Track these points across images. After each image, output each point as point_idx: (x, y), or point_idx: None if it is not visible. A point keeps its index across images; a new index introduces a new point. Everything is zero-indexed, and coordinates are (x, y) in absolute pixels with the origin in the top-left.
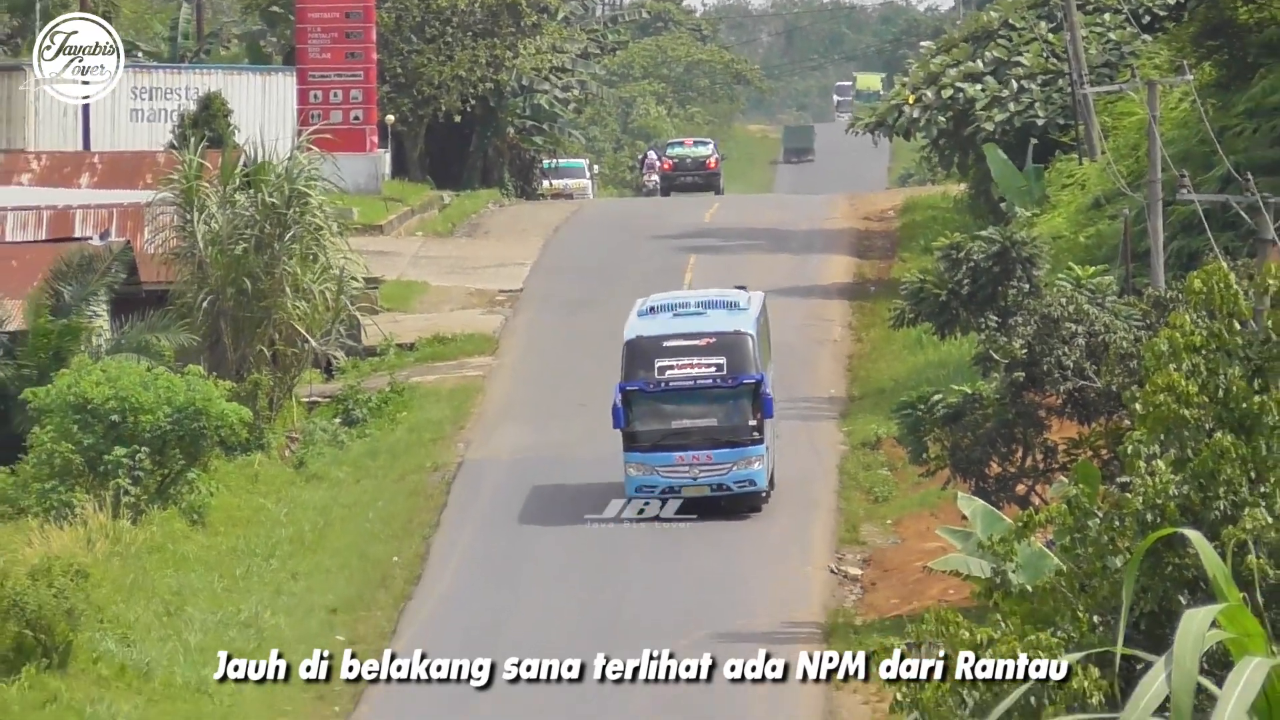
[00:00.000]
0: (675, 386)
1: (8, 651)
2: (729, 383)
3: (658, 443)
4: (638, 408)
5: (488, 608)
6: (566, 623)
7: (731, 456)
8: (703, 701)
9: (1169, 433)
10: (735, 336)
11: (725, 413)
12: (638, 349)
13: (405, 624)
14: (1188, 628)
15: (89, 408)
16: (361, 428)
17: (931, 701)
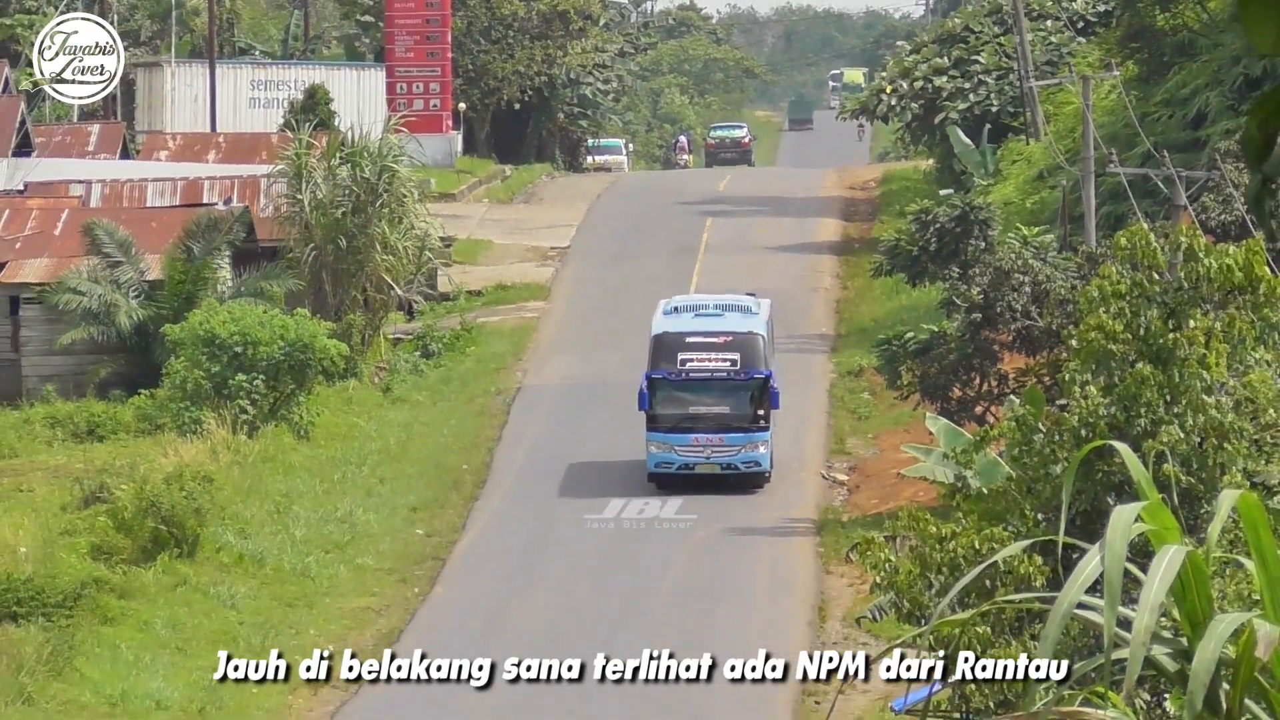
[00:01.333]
0: (694, 377)
1: (146, 543)
2: (741, 376)
3: (676, 425)
4: (660, 394)
5: (542, 505)
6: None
7: (740, 440)
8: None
9: (1099, 364)
10: (749, 336)
11: (737, 402)
12: (663, 342)
13: (474, 520)
14: (1117, 520)
15: (216, 342)
16: (437, 359)
17: (904, 584)
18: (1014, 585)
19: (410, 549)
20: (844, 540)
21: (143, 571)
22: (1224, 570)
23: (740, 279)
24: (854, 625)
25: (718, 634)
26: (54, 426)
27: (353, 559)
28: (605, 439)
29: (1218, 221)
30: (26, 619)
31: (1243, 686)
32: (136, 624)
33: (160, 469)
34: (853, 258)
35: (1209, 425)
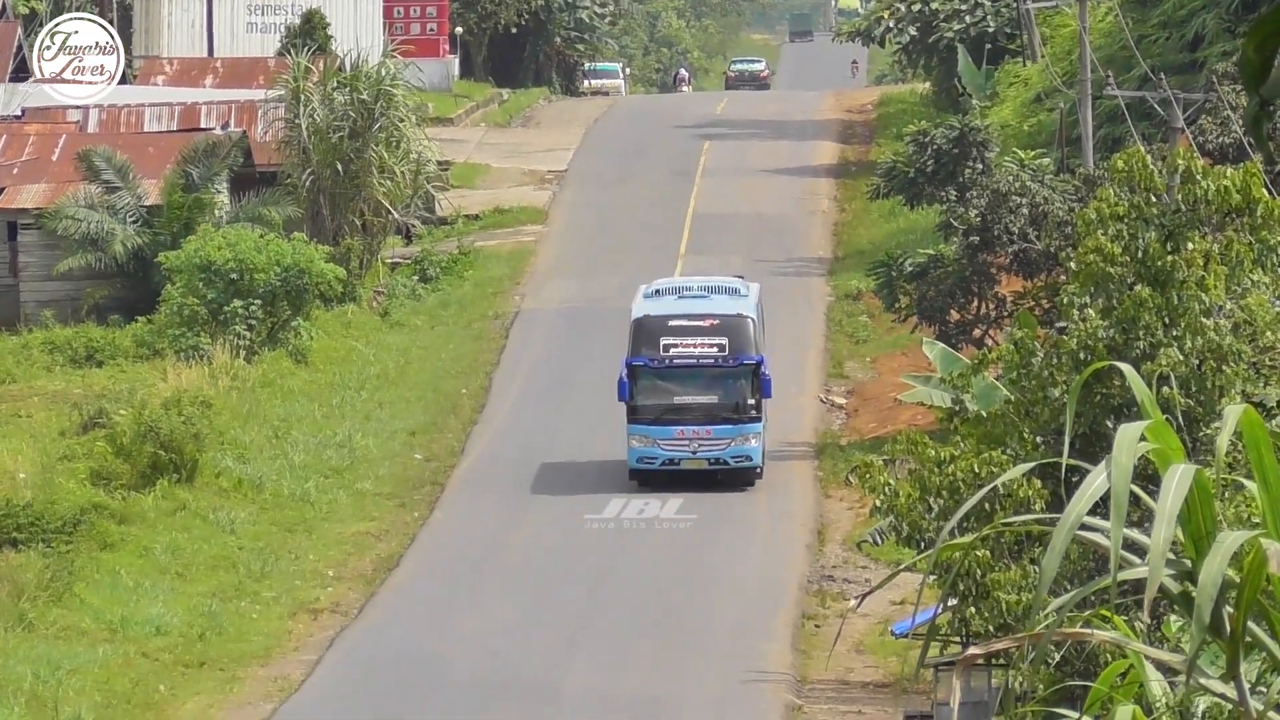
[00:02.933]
0: (679, 364)
1: (145, 468)
2: (730, 362)
3: (660, 416)
4: (642, 382)
5: (540, 429)
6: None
7: (730, 433)
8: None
9: (1097, 286)
10: (738, 319)
11: (725, 391)
12: (645, 327)
13: (472, 444)
14: (1123, 437)
15: (212, 268)
16: (435, 283)
17: (904, 507)
18: (1013, 509)
19: (409, 473)
20: (843, 464)
21: (142, 497)
22: (1223, 493)
23: (738, 201)
24: (854, 549)
25: (718, 557)
26: (52, 352)
27: (351, 484)
28: (604, 362)
29: (1215, 144)
30: (26, 545)
31: (1247, 606)
32: (136, 549)
33: (158, 394)
34: (850, 180)
35: (1207, 348)
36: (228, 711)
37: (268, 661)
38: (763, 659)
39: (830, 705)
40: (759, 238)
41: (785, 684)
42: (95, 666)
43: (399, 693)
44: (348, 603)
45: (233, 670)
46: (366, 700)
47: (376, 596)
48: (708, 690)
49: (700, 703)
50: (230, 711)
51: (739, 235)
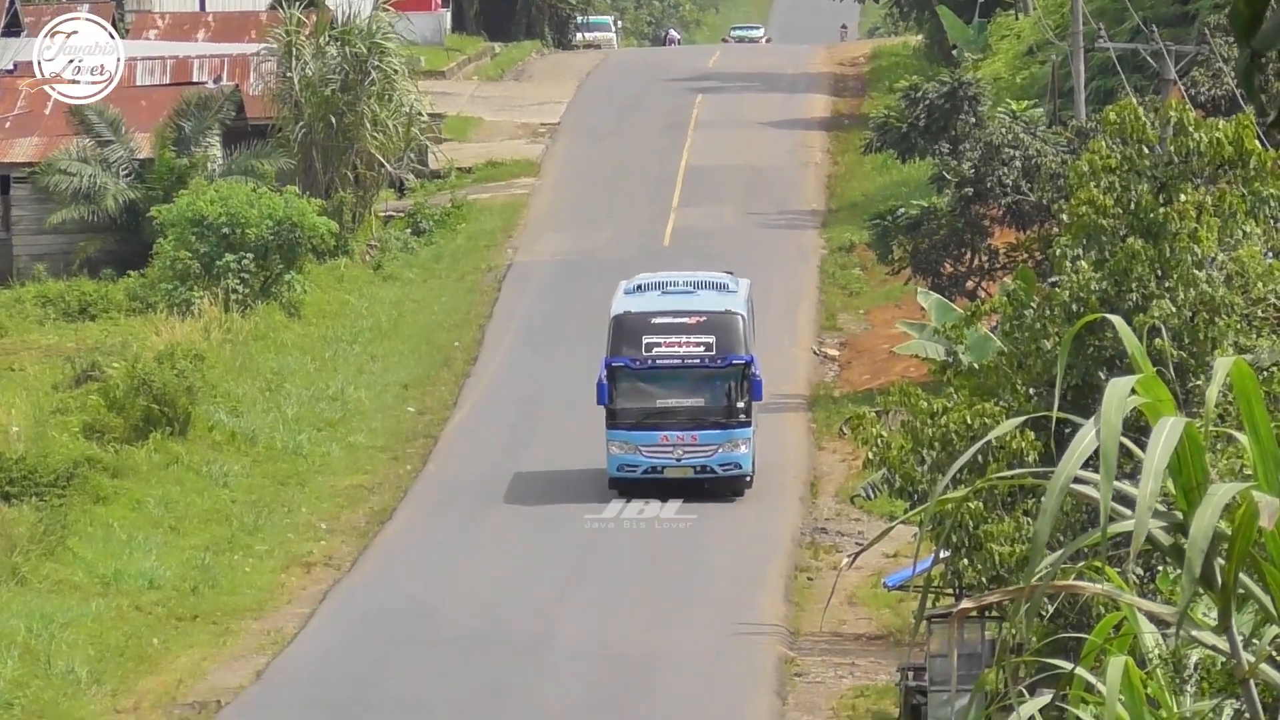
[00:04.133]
0: (662, 364)
1: (138, 422)
2: (718, 363)
3: (642, 421)
4: (623, 384)
5: (533, 382)
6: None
7: (717, 438)
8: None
9: (1090, 238)
10: (726, 316)
11: (713, 393)
12: (625, 325)
13: (465, 396)
14: (1113, 391)
15: (204, 222)
16: (428, 236)
17: (897, 460)
18: (1006, 461)
19: (402, 426)
20: (836, 416)
21: (135, 450)
22: (1214, 445)
23: (731, 154)
24: (847, 502)
25: (708, 505)
26: (45, 305)
27: (345, 437)
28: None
29: (1207, 96)
30: (19, 499)
31: (1238, 559)
32: (129, 503)
33: (152, 347)
34: (843, 134)
35: (1200, 299)
36: (221, 664)
37: (261, 615)
38: (756, 611)
39: (823, 658)
40: (752, 190)
41: (778, 636)
42: (88, 620)
43: (392, 645)
44: (341, 556)
45: (226, 623)
46: (360, 653)
47: (369, 549)
48: (700, 642)
49: (693, 655)
50: (223, 664)
51: (732, 188)
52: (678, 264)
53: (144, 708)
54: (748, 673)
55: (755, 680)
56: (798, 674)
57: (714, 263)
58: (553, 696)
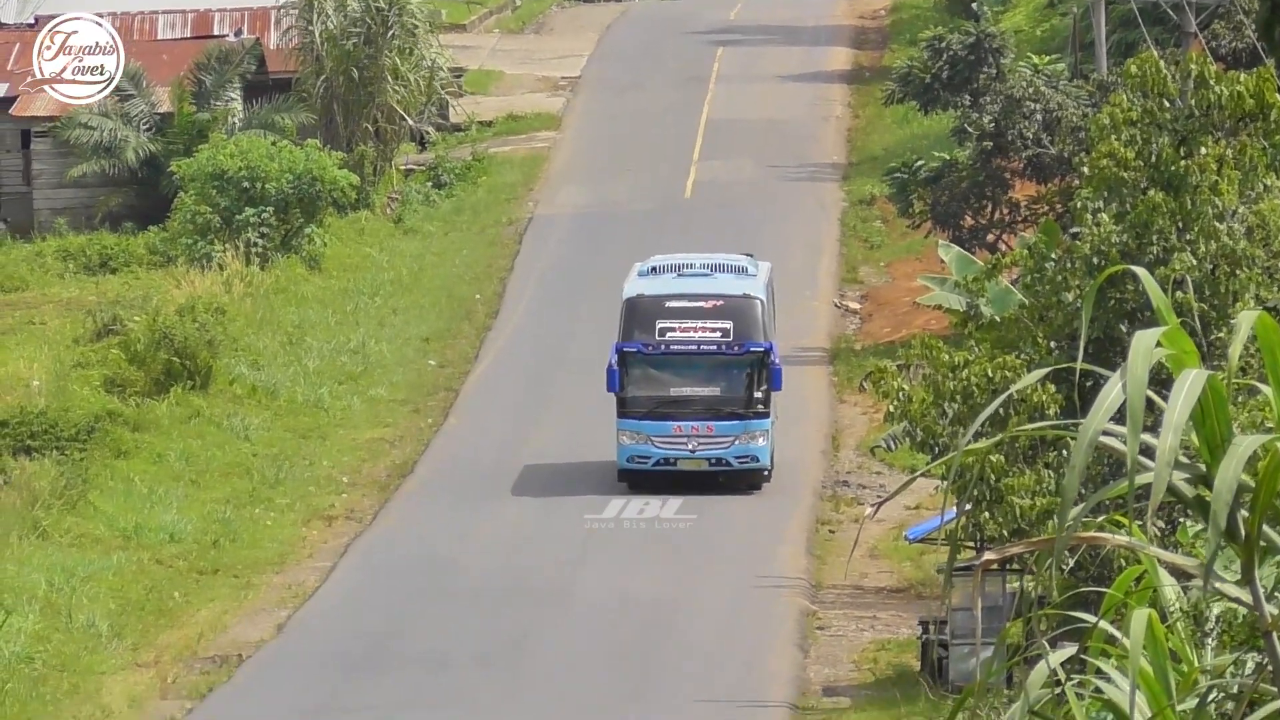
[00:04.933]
0: (676, 350)
1: (159, 375)
2: (735, 349)
3: (654, 410)
4: (634, 371)
5: (554, 335)
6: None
7: (734, 429)
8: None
9: (1111, 191)
10: (744, 300)
11: (729, 382)
12: (638, 308)
13: (486, 349)
14: (1139, 344)
15: (225, 176)
16: (449, 190)
17: (918, 413)
18: (1027, 414)
19: (423, 380)
20: (857, 369)
21: (156, 404)
22: (1236, 398)
23: (752, 107)
24: (868, 455)
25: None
26: (65, 259)
27: (365, 390)
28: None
29: (1228, 49)
30: (40, 453)
31: (1262, 511)
32: (150, 457)
33: (172, 301)
34: (864, 86)
35: (1221, 252)
36: (242, 618)
37: (282, 568)
38: (777, 564)
39: (845, 610)
40: (772, 143)
41: (800, 589)
42: (109, 574)
43: (413, 598)
44: (362, 509)
45: (247, 577)
46: (380, 605)
47: (390, 502)
48: (721, 595)
49: (714, 607)
50: (244, 618)
51: (752, 141)
52: (698, 217)
53: (165, 661)
54: (769, 626)
55: (777, 633)
56: (819, 627)
57: (734, 215)
58: (573, 649)
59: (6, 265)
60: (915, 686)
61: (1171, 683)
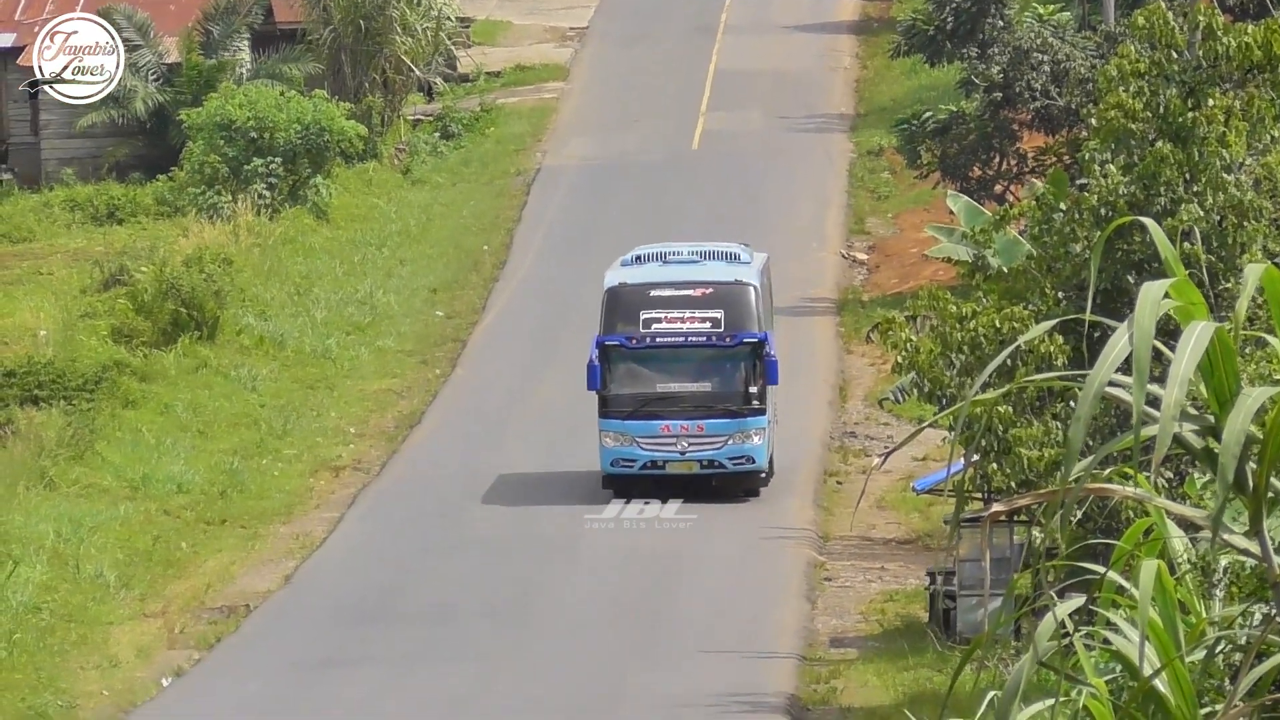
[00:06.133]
0: (663, 343)
1: (166, 326)
2: (727, 341)
3: (640, 409)
4: (618, 366)
5: (561, 286)
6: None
7: (727, 428)
8: None
9: (1118, 142)
10: (736, 288)
11: (722, 376)
12: (620, 298)
13: (494, 300)
14: (1146, 296)
15: (233, 126)
16: (457, 140)
17: (926, 364)
18: (1035, 365)
19: (431, 330)
20: (864, 320)
21: (163, 354)
22: (1244, 349)
23: (760, 58)
24: (875, 406)
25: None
26: (73, 209)
27: (373, 341)
28: (625, 220)
29: (1236, 0)
30: (47, 402)
31: (1270, 463)
32: (157, 407)
33: (180, 251)
34: (872, 37)
35: (1228, 204)
36: (249, 568)
37: (289, 519)
38: (785, 515)
39: (852, 562)
40: (780, 94)
41: (807, 540)
42: (117, 524)
43: (420, 549)
44: (369, 460)
45: (254, 528)
46: (388, 557)
47: (398, 453)
48: (729, 546)
49: (722, 559)
50: (252, 569)
51: (760, 92)
52: (706, 169)
53: (172, 611)
54: (776, 577)
55: (784, 584)
56: (826, 578)
57: (742, 167)
58: (581, 601)
59: (14, 216)
60: (923, 638)
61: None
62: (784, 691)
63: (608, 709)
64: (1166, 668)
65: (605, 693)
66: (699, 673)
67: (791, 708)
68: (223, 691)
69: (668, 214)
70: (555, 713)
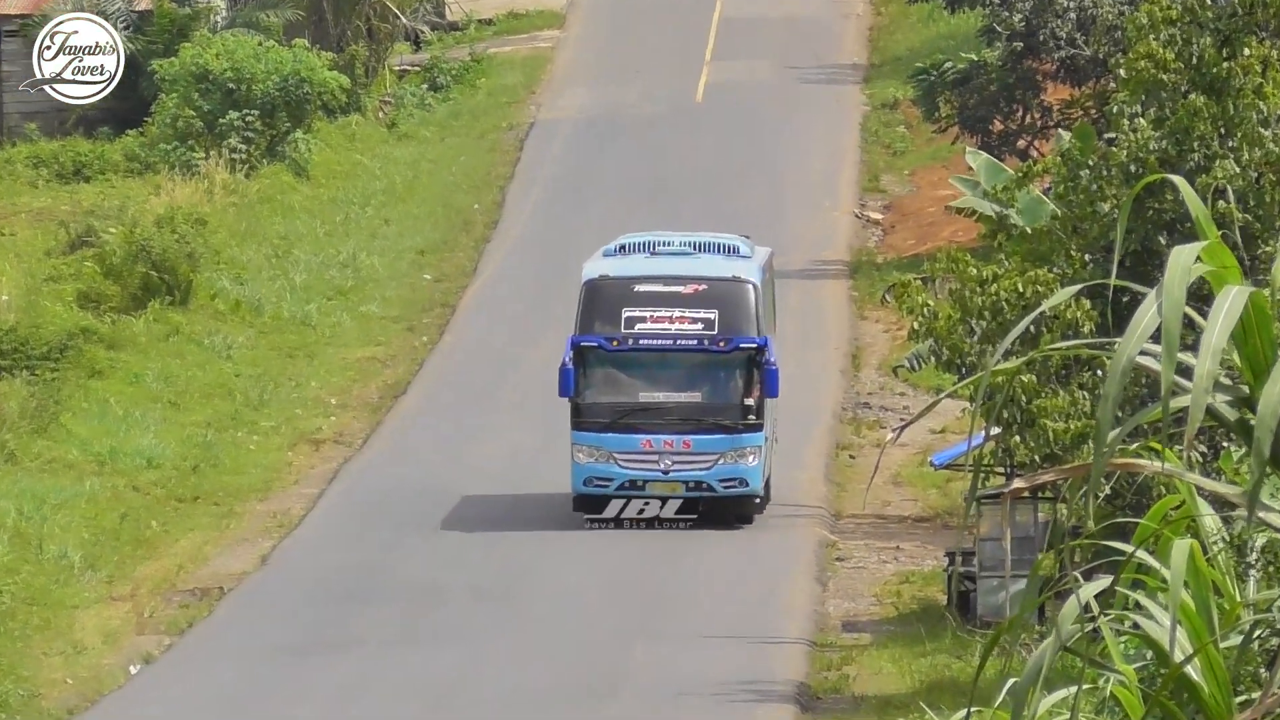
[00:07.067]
0: (647, 346)
1: (136, 290)
2: (721, 346)
3: (618, 421)
4: (594, 372)
5: (558, 248)
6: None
7: (718, 445)
8: None
9: (1149, 94)
10: (733, 285)
11: (713, 386)
12: (599, 293)
13: (485, 263)
14: (1176, 261)
15: (208, 77)
16: (446, 92)
17: (944, 330)
18: (1061, 331)
19: (418, 295)
20: (879, 283)
21: (133, 321)
22: None
23: (767, 4)
24: (890, 374)
25: None
26: (37, 166)
27: (356, 306)
28: (625, 175)
29: None
30: (10, 372)
31: None
32: (126, 377)
33: (151, 211)
34: None
35: (1265, 160)
36: (223, 548)
37: (266, 495)
38: (795, 492)
39: (866, 541)
40: (790, 43)
41: (818, 519)
42: (82, 501)
43: (405, 527)
44: (351, 432)
45: (229, 505)
46: (371, 535)
47: (382, 426)
48: (736, 525)
49: (728, 538)
50: (226, 548)
51: (768, 41)
52: (711, 122)
53: (141, 594)
54: (785, 557)
55: (794, 565)
56: (839, 558)
57: (749, 120)
58: (576, 579)
59: None
60: (941, 621)
61: (1214, 617)
62: (793, 679)
63: (605, 696)
64: (1199, 654)
65: (602, 679)
66: (702, 658)
67: (801, 696)
68: (195, 679)
69: (669, 171)
70: (549, 700)
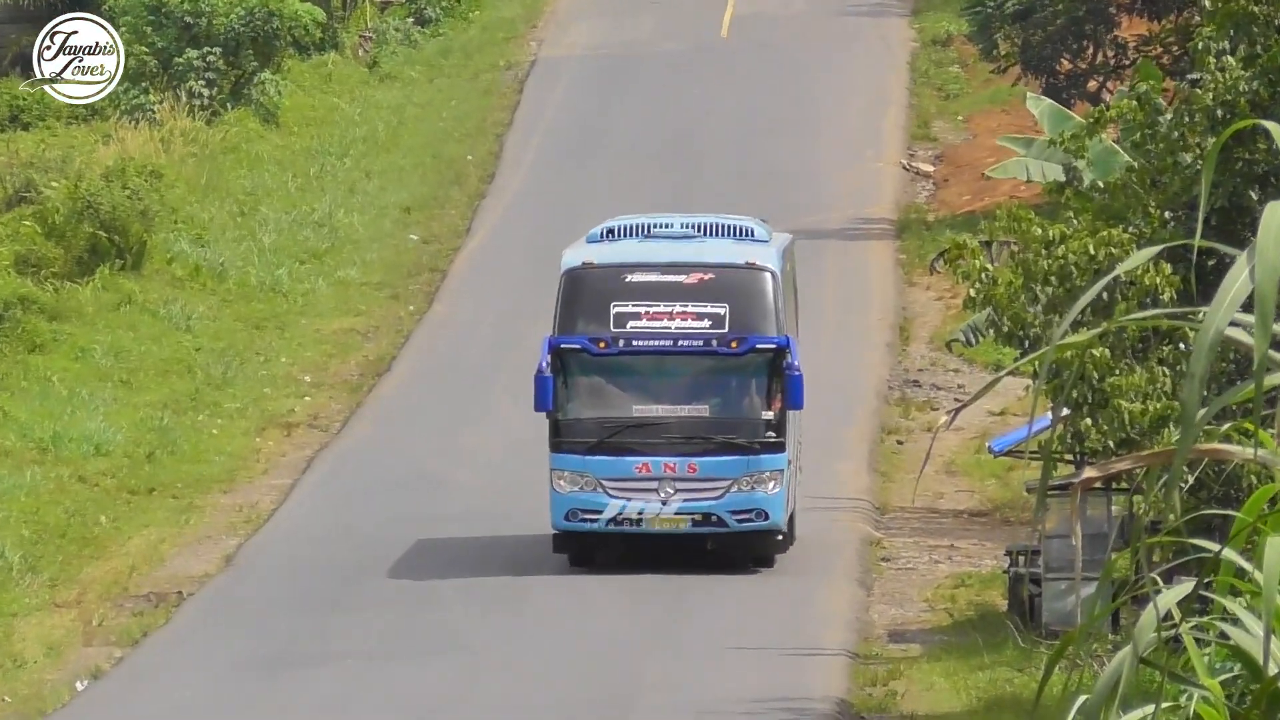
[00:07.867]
0: (642, 348)
1: (82, 253)
2: (733, 347)
3: (607, 440)
4: (577, 381)
5: (563, 205)
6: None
7: (730, 469)
8: None
9: (1239, 29)
10: (748, 273)
11: (724, 397)
12: (582, 286)
13: (479, 222)
14: (1271, 218)
15: (163, 9)
16: (435, 26)
17: (1004, 298)
18: (1137, 299)
19: (403, 258)
20: (929, 245)
21: (78, 288)
22: None
23: None
24: (943, 349)
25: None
26: None
27: (333, 271)
28: (639, 121)
29: None
30: None
31: None
32: (71, 352)
33: (99, 163)
34: None
35: None
36: (182, 547)
37: (231, 487)
38: (834, 483)
39: (915, 539)
40: None
41: (861, 513)
42: (21, 494)
43: (391, 523)
44: (328, 414)
45: (189, 498)
46: (350, 533)
47: (363, 407)
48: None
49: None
50: (185, 547)
51: None
52: (737, 61)
53: (89, 600)
54: (823, 557)
55: (834, 566)
56: (884, 558)
57: (781, 59)
58: (584, 581)
59: None
60: (1001, 630)
61: None
62: (832, 695)
63: (615, 715)
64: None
65: (612, 695)
66: (727, 672)
67: (842, 715)
68: (149, 697)
69: (690, 118)
70: (553, 718)
